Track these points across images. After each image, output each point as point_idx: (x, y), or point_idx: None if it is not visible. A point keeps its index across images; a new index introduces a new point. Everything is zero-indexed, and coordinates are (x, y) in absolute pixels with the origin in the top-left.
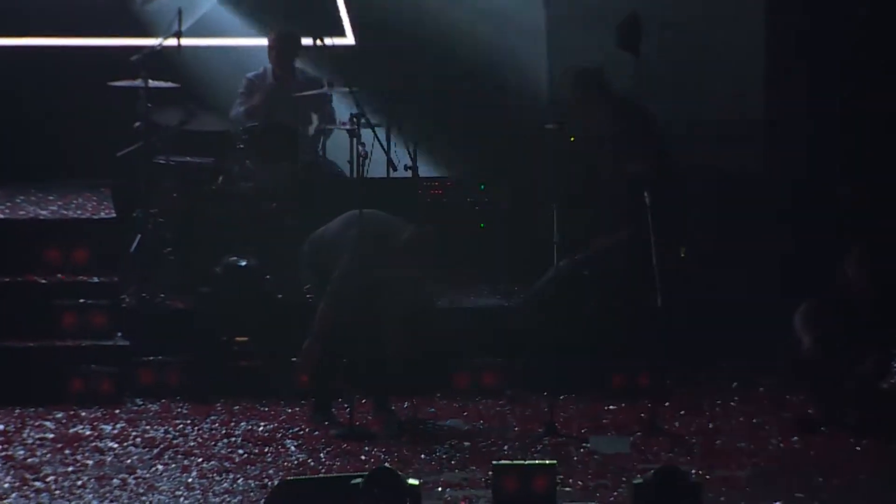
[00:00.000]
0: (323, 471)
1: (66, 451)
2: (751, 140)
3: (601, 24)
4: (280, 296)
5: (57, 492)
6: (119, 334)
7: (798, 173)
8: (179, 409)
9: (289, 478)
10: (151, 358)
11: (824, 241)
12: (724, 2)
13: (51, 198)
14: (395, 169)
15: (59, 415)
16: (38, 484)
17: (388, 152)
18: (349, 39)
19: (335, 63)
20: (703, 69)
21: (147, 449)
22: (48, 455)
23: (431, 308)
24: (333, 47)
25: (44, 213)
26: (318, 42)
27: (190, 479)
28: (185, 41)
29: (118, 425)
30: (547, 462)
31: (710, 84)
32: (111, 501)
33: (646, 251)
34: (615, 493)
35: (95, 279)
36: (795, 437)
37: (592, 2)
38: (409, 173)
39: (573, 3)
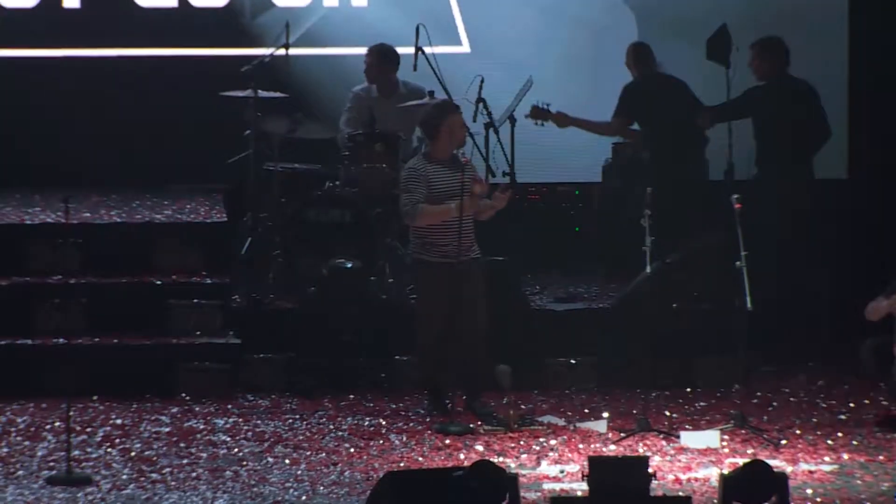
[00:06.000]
0: (426, 463)
1: (181, 445)
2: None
3: (693, 37)
4: (384, 296)
5: (172, 483)
6: (230, 332)
7: (883, 179)
8: (288, 405)
9: (393, 470)
10: (261, 355)
11: None
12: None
13: (165, 202)
14: (493, 175)
15: (174, 409)
16: (154, 475)
17: (486, 159)
18: (465, 48)
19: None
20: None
21: (258, 442)
22: (164, 448)
23: (528, 309)
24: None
25: (159, 216)
26: (420, 53)
27: (299, 472)
28: (291, 51)
29: (230, 420)
30: (640, 455)
31: None
32: (224, 492)
33: (734, 254)
34: (706, 486)
35: (208, 280)
36: (878, 433)
37: (684, 15)
38: (507, 179)
39: (665, 16)
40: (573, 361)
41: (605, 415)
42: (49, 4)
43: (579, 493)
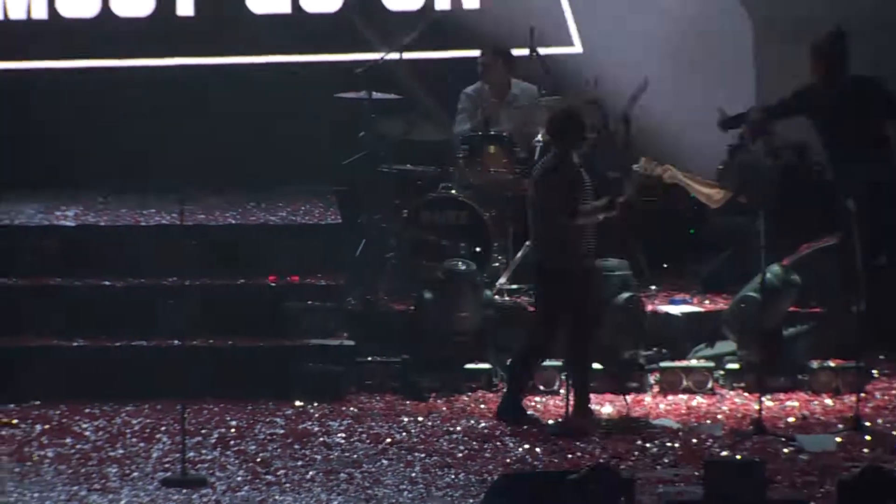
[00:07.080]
0: (540, 466)
1: (296, 446)
2: None
3: (809, 38)
4: (498, 299)
5: (287, 485)
6: (344, 334)
7: None
8: (402, 407)
9: (508, 472)
10: (375, 357)
11: None
12: None
13: (280, 204)
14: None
15: (289, 411)
16: (269, 477)
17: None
18: (577, 48)
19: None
20: None
21: (372, 444)
22: (278, 450)
23: (640, 311)
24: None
25: (273, 218)
26: (534, 55)
27: (413, 474)
28: (405, 55)
29: (344, 422)
30: (756, 459)
31: None
32: (339, 494)
33: (851, 256)
34: (822, 490)
35: (322, 282)
36: None
37: (800, 15)
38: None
39: (780, 17)
40: (687, 364)
41: (720, 418)
42: (163, 12)
43: (695, 497)
